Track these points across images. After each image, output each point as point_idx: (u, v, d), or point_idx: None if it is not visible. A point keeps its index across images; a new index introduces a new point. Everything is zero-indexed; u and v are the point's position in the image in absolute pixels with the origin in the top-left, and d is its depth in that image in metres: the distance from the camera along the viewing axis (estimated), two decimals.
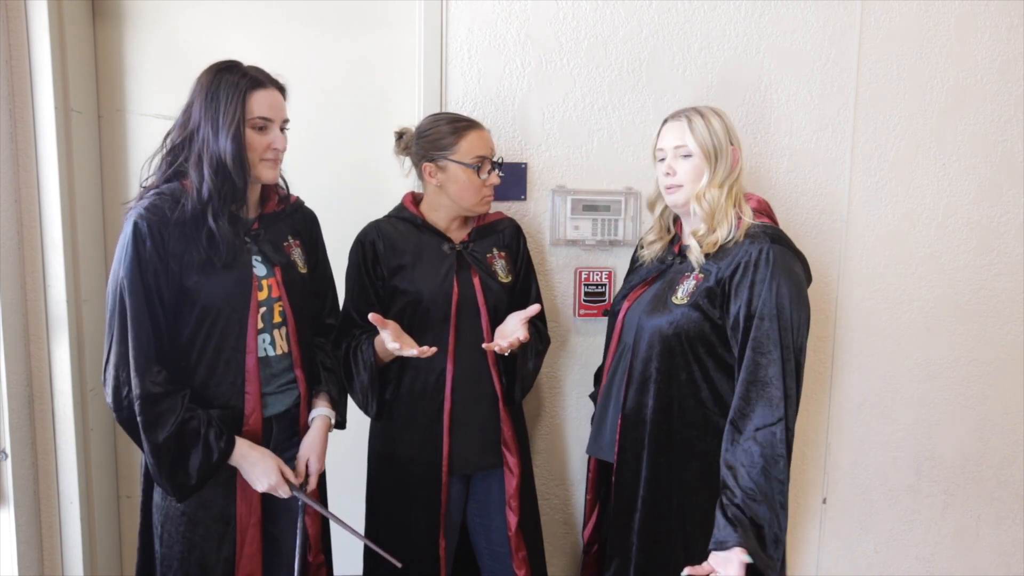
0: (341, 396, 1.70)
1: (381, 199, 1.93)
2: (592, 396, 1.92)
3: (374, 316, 1.57)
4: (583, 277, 2.08)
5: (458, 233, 1.79)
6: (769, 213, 1.65)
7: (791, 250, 1.54)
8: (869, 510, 2.29)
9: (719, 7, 2.04)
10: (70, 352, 1.90)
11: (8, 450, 1.82)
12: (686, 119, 1.58)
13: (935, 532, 2.33)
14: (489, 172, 1.72)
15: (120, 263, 1.38)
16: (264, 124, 1.47)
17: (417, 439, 1.73)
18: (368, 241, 1.75)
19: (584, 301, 2.09)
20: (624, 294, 1.74)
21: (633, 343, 1.62)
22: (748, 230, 1.54)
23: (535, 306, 1.67)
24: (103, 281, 2.00)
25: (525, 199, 2.05)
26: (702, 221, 1.58)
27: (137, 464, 1.93)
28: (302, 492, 1.54)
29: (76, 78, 1.91)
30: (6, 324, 1.80)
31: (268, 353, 1.53)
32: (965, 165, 2.17)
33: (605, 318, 2.04)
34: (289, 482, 1.50)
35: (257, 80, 1.46)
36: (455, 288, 1.72)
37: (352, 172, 2.10)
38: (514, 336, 1.62)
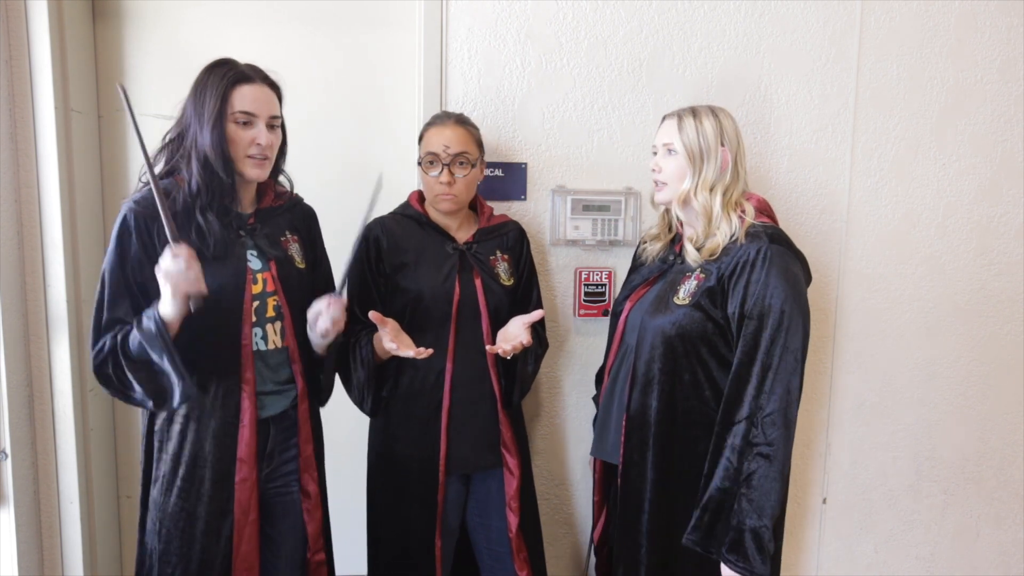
0: (333, 372, 1.70)
1: (381, 199, 1.92)
2: (594, 398, 1.92)
3: (374, 314, 1.57)
4: (583, 277, 2.08)
5: (462, 233, 1.79)
6: (769, 212, 1.65)
7: (790, 250, 1.54)
8: (869, 510, 2.29)
9: (719, 7, 2.04)
10: (70, 352, 1.90)
11: (8, 450, 1.82)
12: (678, 118, 1.60)
13: (935, 532, 2.33)
14: (440, 171, 1.69)
15: (107, 254, 1.43)
16: (248, 119, 1.46)
17: (415, 437, 1.73)
18: (372, 237, 1.75)
19: (584, 301, 2.09)
20: (626, 295, 1.74)
21: (636, 344, 1.62)
22: (748, 229, 1.55)
23: (539, 311, 1.67)
24: None
25: (525, 199, 2.05)
26: (698, 222, 1.59)
27: (137, 464, 1.93)
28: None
29: (76, 78, 1.91)
30: (6, 324, 1.80)
31: (259, 347, 1.53)
32: (965, 165, 2.17)
33: (605, 318, 2.04)
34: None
35: (243, 75, 1.46)
36: (457, 288, 1.71)
37: (352, 172, 2.10)
38: (517, 340, 1.62)
